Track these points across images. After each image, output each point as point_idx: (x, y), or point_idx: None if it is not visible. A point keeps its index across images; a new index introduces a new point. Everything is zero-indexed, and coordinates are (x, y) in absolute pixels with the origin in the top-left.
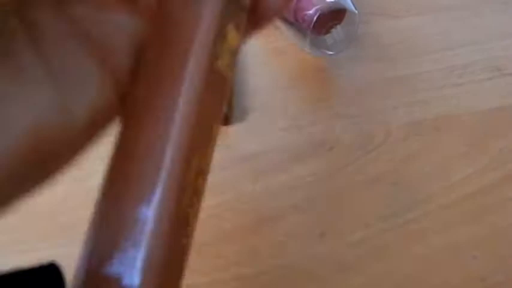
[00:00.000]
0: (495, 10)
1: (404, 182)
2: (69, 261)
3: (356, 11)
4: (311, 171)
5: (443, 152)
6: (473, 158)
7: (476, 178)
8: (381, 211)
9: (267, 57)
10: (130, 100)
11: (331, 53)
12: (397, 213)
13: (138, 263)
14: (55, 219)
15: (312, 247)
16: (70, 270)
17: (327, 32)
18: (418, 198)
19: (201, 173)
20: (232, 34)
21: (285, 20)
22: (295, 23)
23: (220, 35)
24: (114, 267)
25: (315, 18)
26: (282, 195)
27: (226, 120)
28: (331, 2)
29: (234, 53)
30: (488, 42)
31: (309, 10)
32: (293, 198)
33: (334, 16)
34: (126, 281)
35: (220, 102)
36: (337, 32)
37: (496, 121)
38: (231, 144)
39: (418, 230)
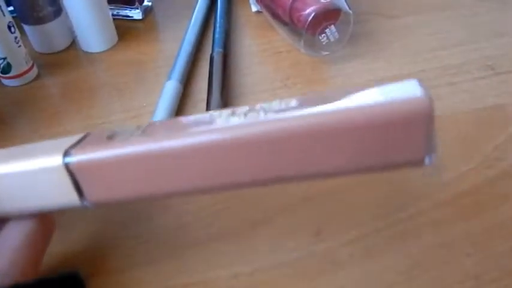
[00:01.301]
0: (489, 9)
1: (399, 181)
2: None
3: (350, 11)
4: None
5: (437, 150)
6: (467, 156)
7: (471, 176)
8: (375, 210)
9: (262, 58)
10: None
11: (326, 53)
12: (392, 211)
13: None
14: None
15: (308, 245)
16: None
17: (322, 32)
18: (412, 197)
19: None
20: None
21: (280, 21)
22: (290, 23)
23: None
24: None
25: (309, 18)
26: (278, 195)
27: None
28: (326, 2)
29: None
30: (483, 41)
31: (303, 10)
32: (289, 197)
33: (328, 16)
34: None
35: None
36: (332, 32)
37: (490, 120)
38: None
39: (412, 228)
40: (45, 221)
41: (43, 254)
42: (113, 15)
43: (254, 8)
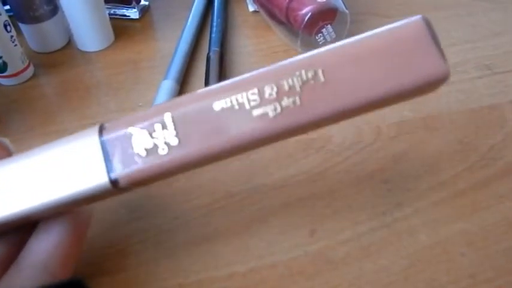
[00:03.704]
0: (486, 9)
1: (395, 180)
2: None
3: (347, 11)
4: (302, 170)
5: (433, 149)
6: (463, 156)
7: (467, 175)
8: (371, 209)
9: (258, 57)
10: None
11: None
12: (387, 211)
13: None
14: None
15: (303, 244)
16: None
17: (318, 31)
18: (408, 196)
19: None
20: None
21: (277, 20)
22: (287, 23)
23: None
24: None
25: (306, 18)
26: (273, 194)
27: None
28: (323, 2)
29: None
30: (479, 40)
31: (300, 10)
32: (284, 196)
33: (325, 16)
34: None
35: None
36: (329, 31)
37: (486, 119)
38: None
39: (407, 228)
40: (78, 218)
41: (79, 251)
42: (109, 14)
43: (251, 8)
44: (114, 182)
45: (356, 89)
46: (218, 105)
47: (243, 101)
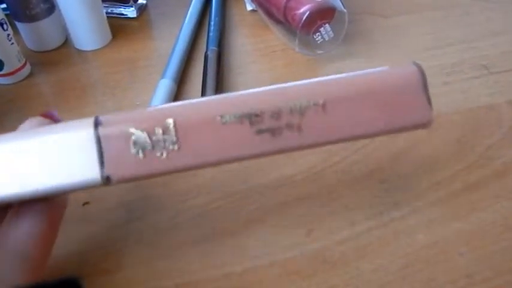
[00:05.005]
0: (483, 9)
1: (392, 180)
2: None
3: (345, 10)
4: (299, 169)
5: (431, 149)
6: (461, 156)
7: (464, 175)
8: (368, 209)
9: (256, 56)
10: None
11: (320, 52)
12: (385, 210)
13: None
14: None
15: (300, 244)
16: None
17: (316, 31)
18: (406, 196)
19: None
20: None
21: (275, 19)
22: (285, 22)
23: None
24: None
25: (304, 17)
26: (270, 194)
27: None
28: (321, 1)
29: None
30: (477, 40)
31: (298, 9)
32: (281, 196)
33: (323, 15)
34: None
35: None
36: (327, 30)
37: (484, 119)
38: None
39: (405, 227)
40: (53, 207)
41: (54, 239)
42: (106, 13)
43: (249, 7)
44: (106, 178)
45: (351, 123)
46: (222, 118)
47: (246, 118)
